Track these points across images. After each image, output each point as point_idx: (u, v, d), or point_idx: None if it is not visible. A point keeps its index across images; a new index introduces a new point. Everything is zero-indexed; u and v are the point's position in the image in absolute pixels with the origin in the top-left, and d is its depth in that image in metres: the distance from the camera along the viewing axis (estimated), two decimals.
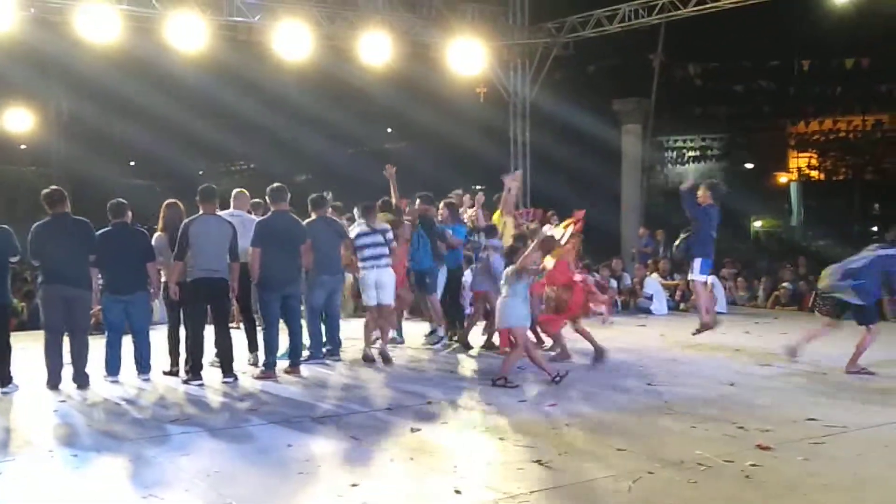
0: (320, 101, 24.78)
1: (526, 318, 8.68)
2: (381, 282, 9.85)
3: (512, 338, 8.67)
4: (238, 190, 10.11)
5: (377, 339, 10.11)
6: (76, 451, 6.29)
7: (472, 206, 12.11)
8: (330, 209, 10.45)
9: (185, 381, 8.72)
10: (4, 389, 8.26)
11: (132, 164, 37.92)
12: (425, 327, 11.59)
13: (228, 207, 9.76)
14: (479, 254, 11.01)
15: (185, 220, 8.76)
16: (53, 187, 8.80)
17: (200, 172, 35.32)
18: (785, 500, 5.12)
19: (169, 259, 8.91)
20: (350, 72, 17.73)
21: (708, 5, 15.37)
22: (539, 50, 18.30)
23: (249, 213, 10.00)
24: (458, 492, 5.23)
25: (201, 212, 8.81)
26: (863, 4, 16.35)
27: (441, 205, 11.58)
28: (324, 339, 10.10)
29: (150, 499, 5.14)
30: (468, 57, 16.74)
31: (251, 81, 22.96)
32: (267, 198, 9.50)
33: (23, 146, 32.90)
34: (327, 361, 9.87)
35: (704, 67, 22.66)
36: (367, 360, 9.86)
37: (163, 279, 9.13)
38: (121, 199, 8.97)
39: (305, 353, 9.72)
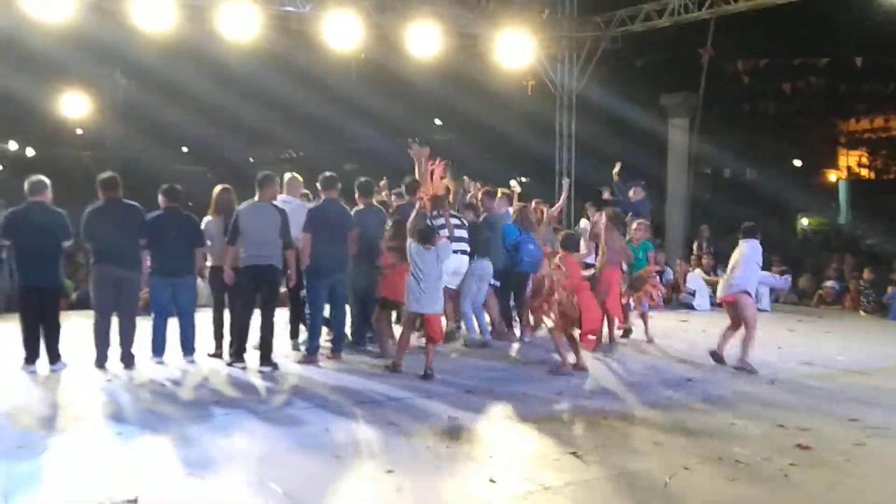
0: (369, 91, 24.87)
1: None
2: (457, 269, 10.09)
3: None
4: (291, 175, 10.18)
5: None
6: (121, 428, 6.43)
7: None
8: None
9: (229, 364, 8.87)
10: (53, 367, 8.46)
11: (185, 150, 38.37)
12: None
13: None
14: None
15: (239, 207, 8.88)
16: (109, 173, 8.90)
17: (251, 160, 35.67)
18: (822, 502, 5.08)
19: (216, 243, 9.06)
20: (399, 62, 17.78)
21: (757, 0, 15.22)
22: (587, 43, 18.23)
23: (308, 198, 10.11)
24: (492, 481, 5.25)
25: (256, 198, 8.92)
26: None
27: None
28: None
29: (191, 477, 5.25)
30: (516, 49, 16.77)
31: (302, 71, 23.11)
32: (318, 185, 9.58)
33: (79, 131, 33.49)
34: (368, 348, 9.96)
35: (754, 64, 22.32)
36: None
37: (208, 263, 9.28)
38: (174, 185, 9.14)
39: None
